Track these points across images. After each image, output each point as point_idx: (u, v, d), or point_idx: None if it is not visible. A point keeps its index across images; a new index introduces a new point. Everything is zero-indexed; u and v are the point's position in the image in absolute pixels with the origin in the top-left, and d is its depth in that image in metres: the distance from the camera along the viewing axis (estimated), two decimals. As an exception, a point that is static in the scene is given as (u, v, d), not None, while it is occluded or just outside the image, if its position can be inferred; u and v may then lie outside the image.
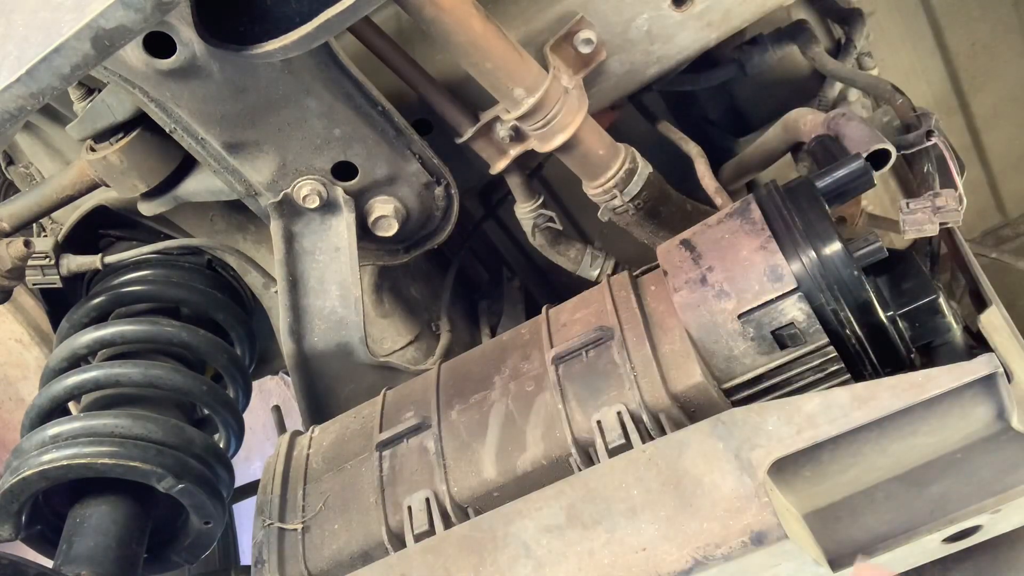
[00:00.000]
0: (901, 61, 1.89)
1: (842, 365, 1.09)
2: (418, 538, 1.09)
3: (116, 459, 1.39)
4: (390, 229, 1.42)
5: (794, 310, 1.06)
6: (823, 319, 1.05)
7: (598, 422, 1.08)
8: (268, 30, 0.98)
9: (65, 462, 1.39)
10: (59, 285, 1.66)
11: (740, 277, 1.09)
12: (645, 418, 1.07)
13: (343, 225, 1.39)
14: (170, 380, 1.53)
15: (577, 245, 1.59)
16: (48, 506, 1.51)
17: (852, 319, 1.05)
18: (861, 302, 1.04)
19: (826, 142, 1.29)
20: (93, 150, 1.44)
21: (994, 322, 1.05)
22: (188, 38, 1.15)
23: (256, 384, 1.87)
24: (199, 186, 1.47)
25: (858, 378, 1.09)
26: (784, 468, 0.95)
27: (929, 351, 1.11)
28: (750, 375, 1.11)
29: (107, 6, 0.80)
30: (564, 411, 1.12)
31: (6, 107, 0.83)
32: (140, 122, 1.39)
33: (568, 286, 1.53)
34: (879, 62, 1.75)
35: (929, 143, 1.24)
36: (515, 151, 1.37)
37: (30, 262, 1.55)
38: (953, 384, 0.91)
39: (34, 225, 1.66)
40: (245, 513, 2.05)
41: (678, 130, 1.58)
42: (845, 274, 1.04)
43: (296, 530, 1.19)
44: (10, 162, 1.79)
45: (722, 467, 0.95)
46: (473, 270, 2.04)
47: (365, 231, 1.42)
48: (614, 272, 1.57)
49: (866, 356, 1.07)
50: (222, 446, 1.65)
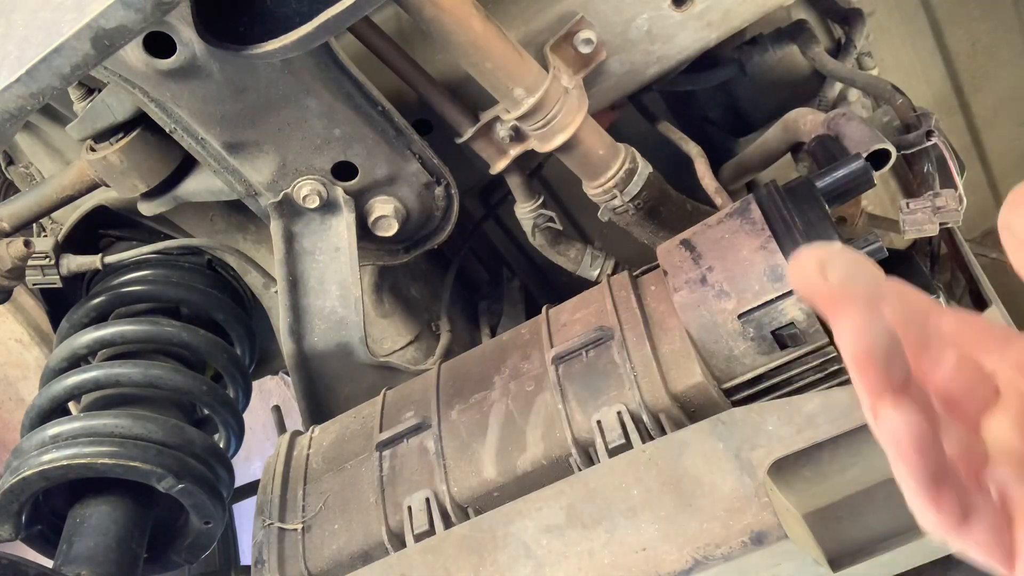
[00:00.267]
0: (901, 61, 1.88)
1: (842, 365, 1.09)
2: (418, 538, 1.09)
3: (116, 459, 1.39)
4: (390, 229, 1.42)
5: (794, 310, 1.06)
6: (823, 319, 1.05)
7: (598, 422, 1.08)
8: (268, 30, 0.98)
9: (65, 462, 1.38)
10: (59, 285, 1.66)
11: (740, 277, 1.09)
12: (645, 418, 1.07)
13: (343, 225, 1.39)
14: (170, 380, 1.53)
15: (577, 245, 1.58)
16: (48, 506, 1.51)
17: (852, 319, 1.05)
18: (861, 302, 1.04)
19: (826, 142, 1.29)
20: (93, 150, 1.44)
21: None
22: (188, 38, 1.15)
23: (256, 384, 1.87)
24: (199, 186, 1.47)
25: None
26: (784, 468, 0.95)
27: (929, 351, 1.11)
28: (750, 375, 1.11)
29: (107, 6, 0.80)
30: (564, 411, 1.12)
31: (6, 107, 0.83)
32: (140, 122, 1.39)
33: (568, 286, 1.53)
34: (879, 62, 1.75)
35: (929, 143, 1.24)
36: (515, 151, 1.37)
37: (30, 262, 1.55)
38: (953, 384, 0.91)
39: (34, 225, 1.65)
40: (245, 513, 2.05)
41: (678, 130, 1.58)
42: (846, 274, 1.04)
43: (296, 530, 1.19)
44: (10, 162, 1.79)
45: (722, 467, 0.95)
46: (473, 270, 2.03)
47: (365, 231, 1.42)
48: (614, 272, 1.57)
49: (866, 356, 1.07)
50: (222, 446, 1.65)
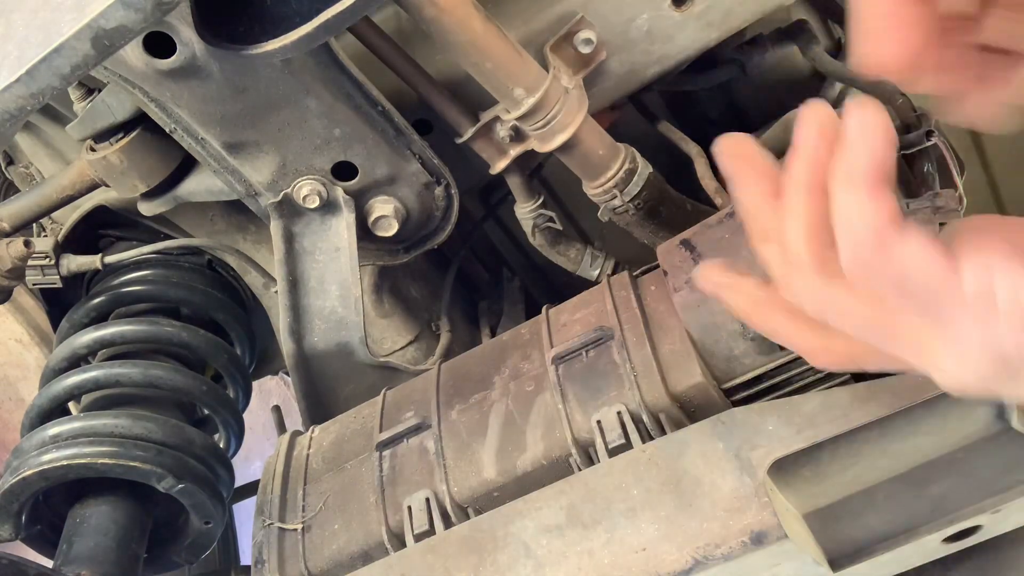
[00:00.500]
0: (901, 61, 1.88)
1: (842, 365, 1.09)
2: (418, 538, 1.09)
3: (116, 459, 1.39)
4: (390, 229, 1.42)
5: (794, 310, 1.06)
6: (823, 319, 1.05)
7: (598, 422, 1.08)
8: (268, 30, 0.98)
9: (65, 462, 1.38)
10: (59, 285, 1.66)
11: (740, 277, 1.08)
12: (645, 418, 1.07)
13: (343, 225, 1.39)
14: (170, 380, 1.53)
15: (577, 245, 1.58)
16: (48, 506, 1.50)
17: (852, 319, 1.05)
18: (861, 302, 1.04)
19: (826, 142, 1.28)
20: (93, 150, 1.44)
21: (994, 322, 1.05)
22: (188, 38, 1.15)
23: (256, 384, 1.87)
24: (199, 186, 1.47)
25: (858, 378, 1.08)
26: (784, 468, 0.95)
27: (930, 351, 1.11)
28: (750, 375, 1.11)
29: (107, 6, 0.80)
30: (564, 411, 1.12)
31: (6, 107, 0.83)
32: (140, 122, 1.39)
33: (568, 286, 1.52)
34: (879, 62, 1.74)
35: (929, 143, 1.24)
36: (515, 151, 1.36)
37: (30, 262, 1.55)
38: (953, 384, 0.91)
39: (34, 225, 1.65)
40: (245, 513, 2.05)
41: (678, 130, 1.58)
42: (846, 274, 1.04)
43: (296, 530, 1.19)
44: (10, 162, 1.78)
45: (722, 467, 0.95)
46: (473, 270, 2.03)
47: (365, 231, 1.42)
48: (614, 272, 1.57)
49: (866, 356, 1.07)
50: (222, 446, 1.65)
